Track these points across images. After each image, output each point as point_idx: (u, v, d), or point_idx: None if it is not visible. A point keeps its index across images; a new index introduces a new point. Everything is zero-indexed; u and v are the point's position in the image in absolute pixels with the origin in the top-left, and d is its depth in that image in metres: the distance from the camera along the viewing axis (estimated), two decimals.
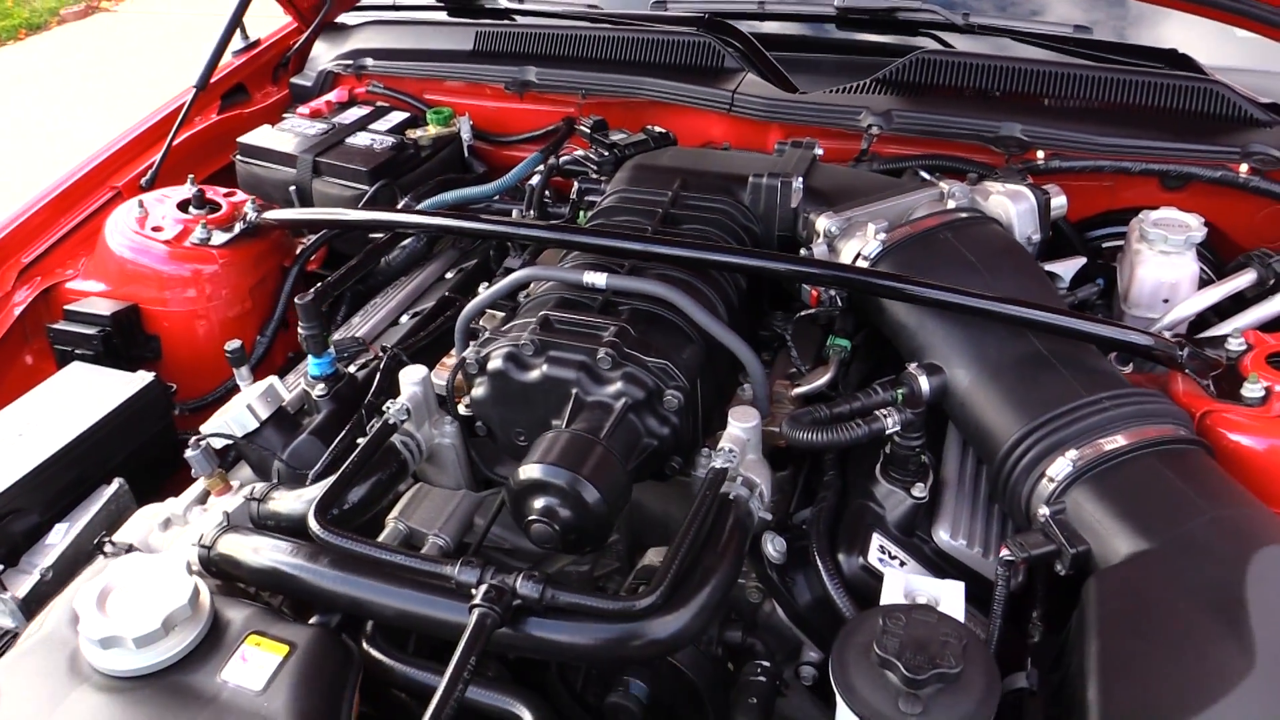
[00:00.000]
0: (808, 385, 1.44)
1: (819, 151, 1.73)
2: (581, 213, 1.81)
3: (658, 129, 1.90)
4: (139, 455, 1.63)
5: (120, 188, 2.11)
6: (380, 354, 1.61)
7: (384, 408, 1.34)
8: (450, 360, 1.57)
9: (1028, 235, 1.61)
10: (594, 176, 1.83)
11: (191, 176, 2.02)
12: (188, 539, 1.33)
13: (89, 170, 2.10)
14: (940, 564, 1.28)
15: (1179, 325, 1.56)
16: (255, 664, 1.06)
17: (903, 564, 1.25)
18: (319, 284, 1.67)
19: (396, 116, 2.31)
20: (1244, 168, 1.74)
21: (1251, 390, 1.31)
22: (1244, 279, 1.55)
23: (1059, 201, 1.62)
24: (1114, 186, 1.86)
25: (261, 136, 2.24)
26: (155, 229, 1.88)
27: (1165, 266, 1.60)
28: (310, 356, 1.52)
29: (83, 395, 1.61)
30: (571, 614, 1.08)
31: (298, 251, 1.99)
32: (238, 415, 1.43)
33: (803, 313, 1.50)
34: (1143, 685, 0.93)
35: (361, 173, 2.07)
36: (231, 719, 1.00)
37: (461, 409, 1.43)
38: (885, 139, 1.91)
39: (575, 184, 1.82)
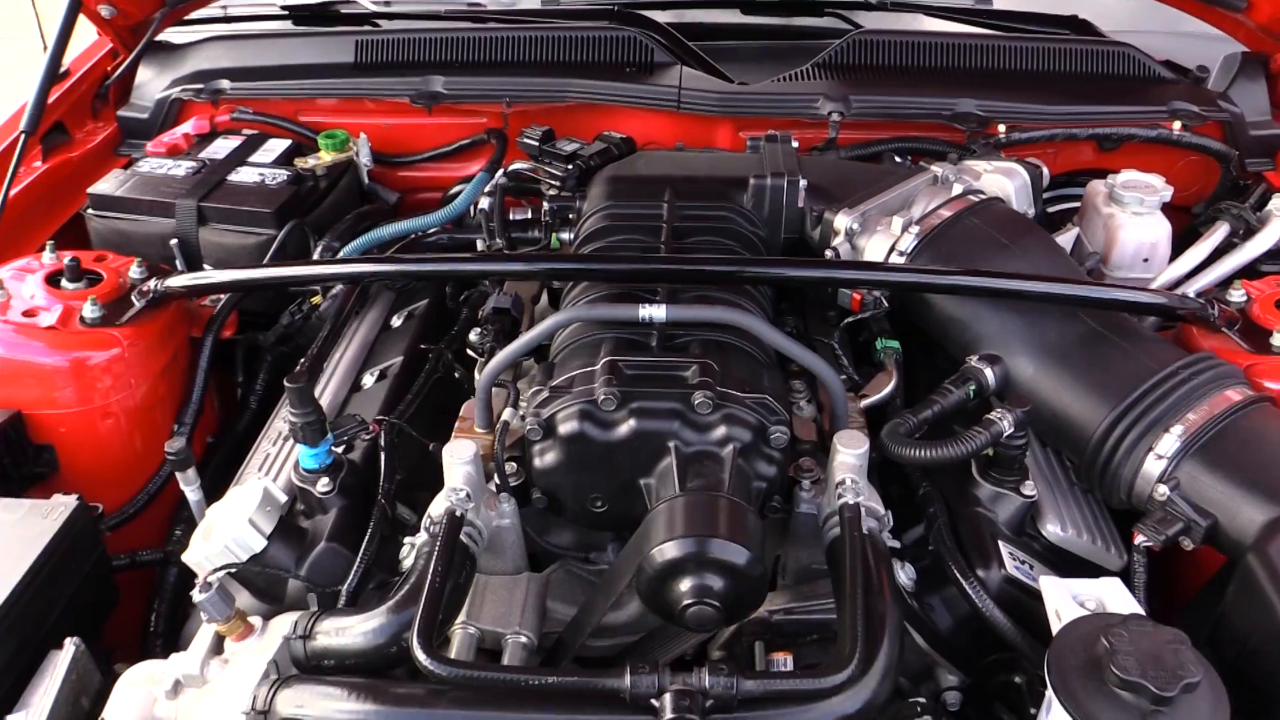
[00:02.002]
0: (875, 395, 1.36)
1: (795, 144, 1.66)
2: (554, 235, 1.63)
3: (617, 135, 1.75)
4: (75, 600, 1.30)
5: None
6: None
7: (449, 498, 1.12)
8: (464, 424, 1.36)
9: (1024, 210, 1.62)
10: (563, 194, 1.65)
11: (51, 243, 1.64)
12: (219, 705, 1.07)
13: None
14: (1052, 559, 1.25)
15: (1172, 284, 1.63)
16: None
17: (1031, 567, 1.20)
18: (302, 361, 1.39)
19: (277, 145, 2.00)
20: (1177, 125, 1.85)
21: None
22: (1220, 232, 1.64)
23: (1044, 174, 1.65)
24: (1056, 152, 1.92)
25: (116, 184, 1.87)
26: (27, 314, 1.51)
27: (1143, 227, 1.66)
28: (302, 446, 1.26)
29: None
30: (763, 703, 0.95)
31: (208, 319, 1.65)
32: (240, 535, 1.16)
33: (849, 318, 1.42)
34: None
35: (264, 215, 1.77)
36: None
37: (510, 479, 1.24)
38: (846, 124, 1.86)
39: (544, 204, 1.63)
